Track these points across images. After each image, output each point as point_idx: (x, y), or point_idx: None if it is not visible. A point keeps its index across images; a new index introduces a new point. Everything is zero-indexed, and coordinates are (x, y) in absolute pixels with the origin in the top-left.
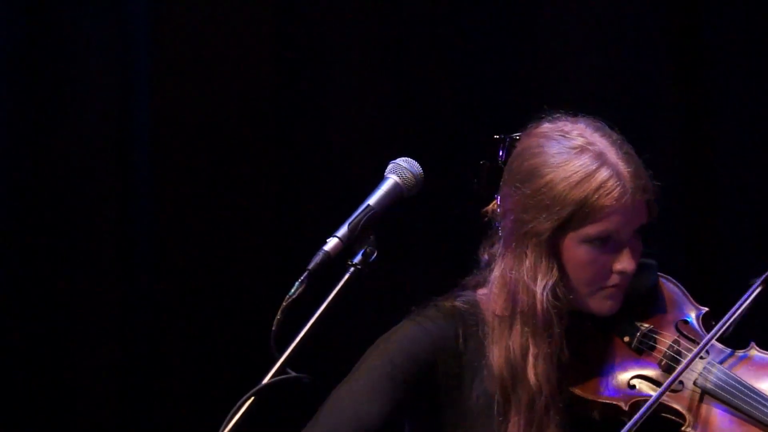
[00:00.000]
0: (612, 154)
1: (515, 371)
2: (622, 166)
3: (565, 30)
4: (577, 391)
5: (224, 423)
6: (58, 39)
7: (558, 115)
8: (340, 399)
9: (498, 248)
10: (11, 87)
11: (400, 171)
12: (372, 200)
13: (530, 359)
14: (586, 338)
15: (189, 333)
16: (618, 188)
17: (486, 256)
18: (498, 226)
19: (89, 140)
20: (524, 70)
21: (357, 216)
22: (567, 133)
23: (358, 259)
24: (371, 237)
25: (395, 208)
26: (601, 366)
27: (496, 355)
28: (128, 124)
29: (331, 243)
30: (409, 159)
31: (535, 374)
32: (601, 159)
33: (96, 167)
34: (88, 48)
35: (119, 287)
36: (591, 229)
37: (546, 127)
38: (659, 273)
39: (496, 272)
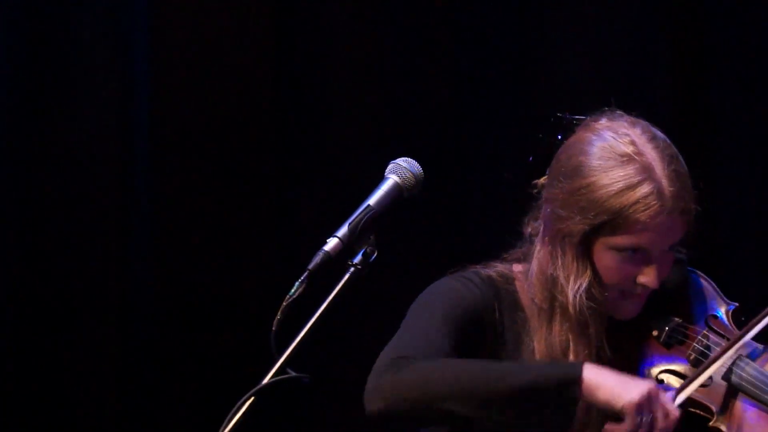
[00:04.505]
0: (659, 169)
1: None
2: (666, 184)
3: (566, 30)
4: None
5: (224, 423)
6: (58, 39)
7: (619, 112)
8: (416, 331)
9: (539, 228)
10: (11, 87)
11: (400, 171)
12: (372, 200)
13: (571, 357)
14: (615, 333)
15: (189, 333)
16: (656, 206)
17: (529, 229)
18: (543, 201)
19: (90, 140)
20: (524, 69)
21: (357, 216)
22: (620, 136)
23: (358, 259)
24: (371, 237)
25: (395, 208)
26: (630, 360)
27: (537, 348)
28: (128, 124)
29: (331, 243)
30: (409, 159)
31: None
32: (646, 173)
33: (96, 167)
34: (88, 48)
35: (119, 287)
36: (621, 240)
37: (602, 124)
38: (689, 268)
39: (535, 262)
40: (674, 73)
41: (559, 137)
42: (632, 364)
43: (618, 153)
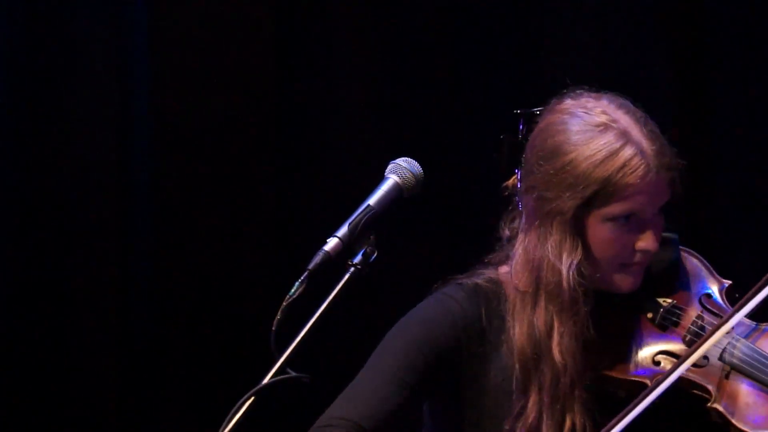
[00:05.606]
0: (636, 132)
1: (539, 348)
2: (647, 144)
3: (565, 28)
4: (602, 369)
5: (224, 423)
6: (58, 40)
7: (580, 91)
8: (364, 381)
9: (520, 224)
10: (11, 88)
11: (400, 171)
12: (372, 200)
13: (555, 336)
14: (609, 316)
15: (189, 333)
16: (642, 166)
17: (507, 232)
18: (519, 201)
19: (89, 142)
20: (525, 70)
21: (357, 216)
22: (590, 110)
23: (358, 259)
24: (371, 237)
25: (395, 208)
26: (625, 343)
27: (518, 331)
28: (128, 126)
29: (331, 243)
30: (409, 159)
31: (560, 351)
32: (625, 137)
33: (96, 167)
34: (88, 48)
35: (119, 287)
36: (615, 208)
37: (568, 103)
38: (681, 246)
39: (519, 249)
40: (674, 73)
41: (521, 134)
42: (620, 347)
43: (593, 124)
